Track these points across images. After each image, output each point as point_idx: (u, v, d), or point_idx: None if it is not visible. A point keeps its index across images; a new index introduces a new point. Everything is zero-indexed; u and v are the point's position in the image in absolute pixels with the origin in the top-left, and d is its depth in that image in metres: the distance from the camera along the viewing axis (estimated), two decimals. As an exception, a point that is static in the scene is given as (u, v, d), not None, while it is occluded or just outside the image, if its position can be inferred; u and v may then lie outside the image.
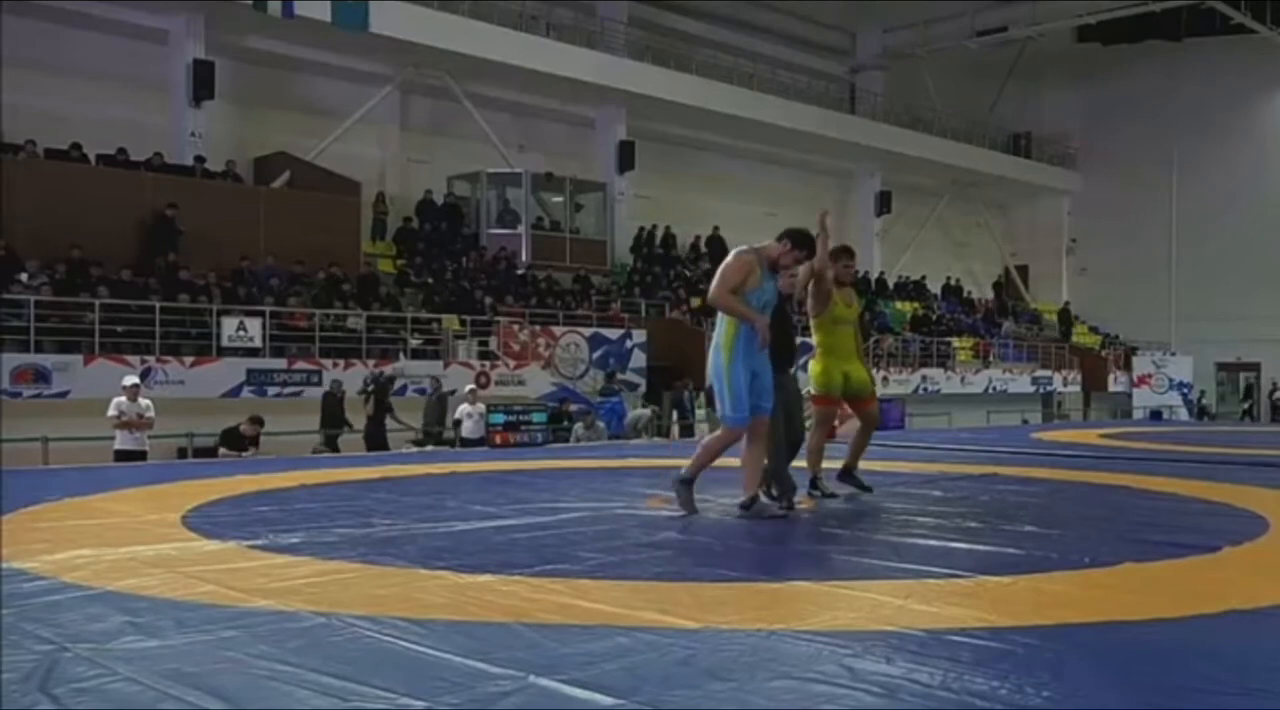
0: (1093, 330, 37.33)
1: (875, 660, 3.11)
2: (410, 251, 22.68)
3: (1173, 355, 34.32)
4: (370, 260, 21.34)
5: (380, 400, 15.86)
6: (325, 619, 3.61)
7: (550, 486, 7.88)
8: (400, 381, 17.32)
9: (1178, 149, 35.51)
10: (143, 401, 12.87)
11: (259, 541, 5.23)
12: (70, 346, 15.37)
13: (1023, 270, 39.85)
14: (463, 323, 19.81)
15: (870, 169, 33.87)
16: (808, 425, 7.27)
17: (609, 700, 2.75)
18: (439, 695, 2.78)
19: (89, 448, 12.84)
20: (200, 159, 19.68)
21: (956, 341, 30.65)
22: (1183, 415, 31.77)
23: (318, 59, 22.39)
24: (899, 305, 31.80)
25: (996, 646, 3.27)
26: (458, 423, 15.95)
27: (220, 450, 13.44)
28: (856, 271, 8.47)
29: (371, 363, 17.61)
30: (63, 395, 14.91)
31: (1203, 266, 34.81)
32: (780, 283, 6.30)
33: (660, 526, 5.75)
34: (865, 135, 31.87)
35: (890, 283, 33.20)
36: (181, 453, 14.31)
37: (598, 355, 21.19)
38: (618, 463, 10.38)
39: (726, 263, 6.13)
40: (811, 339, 7.23)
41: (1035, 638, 3.37)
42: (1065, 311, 36.52)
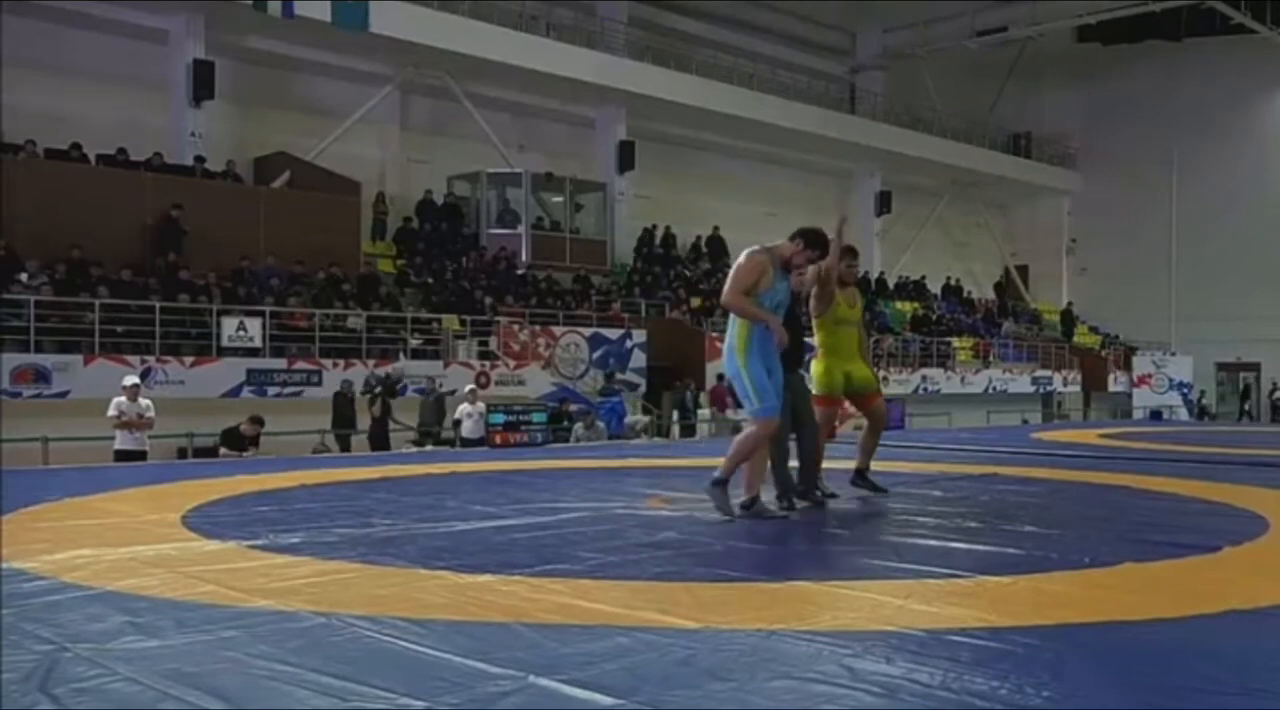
0: (1093, 330, 37.32)
1: (875, 660, 3.11)
2: (410, 251, 22.67)
3: (1173, 355, 34.31)
4: (370, 260, 21.33)
5: (386, 401, 15.92)
6: (325, 619, 3.61)
7: (550, 486, 7.88)
8: (403, 382, 17.34)
9: (1178, 149, 35.48)
10: (143, 401, 12.87)
11: (259, 541, 5.23)
12: (70, 346, 15.37)
13: (1023, 270, 39.83)
14: (463, 323, 19.80)
15: (870, 169, 33.84)
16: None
17: (609, 700, 2.75)
18: (439, 695, 2.78)
19: (89, 448, 12.83)
20: (200, 159, 19.67)
21: (956, 341, 30.65)
22: (1183, 415, 31.74)
23: (318, 59, 22.38)
24: (899, 305, 31.79)
25: (996, 646, 3.27)
26: (458, 423, 15.96)
27: (220, 450, 13.46)
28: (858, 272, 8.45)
29: (371, 363, 17.63)
30: (63, 395, 14.91)
31: (1203, 266, 34.79)
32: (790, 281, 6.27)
33: (660, 526, 5.74)
34: (865, 135, 31.85)
35: (890, 283, 33.19)
36: (181, 453, 14.32)
37: (598, 355, 21.18)
38: (618, 463, 10.37)
39: (739, 264, 6.01)
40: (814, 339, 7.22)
41: (1035, 638, 3.37)
42: (1068, 312, 36.51)
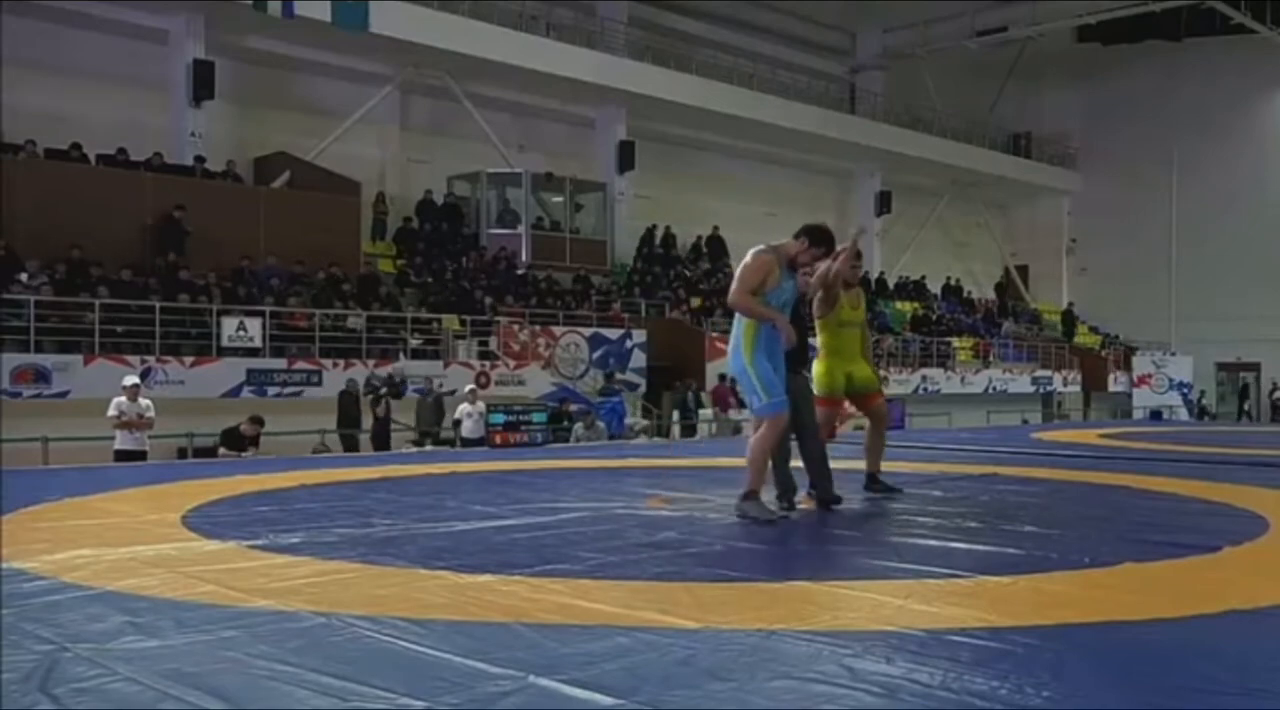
0: (1093, 330, 37.32)
1: (875, 660, 3.11)
2: (410, 251, 22.67)
3: (1173, 355, 34.31)
4: (370, 260, 21.33)
5: (389, 402, 15.95)
6: (325, 619, 3.61)
7: (550, 486, 7.87)
8: (406, 383, 17.35)
9: (1178, 149, 35.49)
10: (143, 401, 12.88)
11: (259, 541, 5.23)
12: (70, 346, 15.38)
13: (1023, 270, 39.83)
14: (463, 323, 19.80)
15: (870, 169, 33.83)
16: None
17: (609, 700, 2.75)
18: (439, 695, 2.78)
19: (89, 448, 12.83)
20: (200, 159, 19.67)
21: (956, 341, 30.65)
22: (1183, 415, 31.74)
23: (318, 59, 22.39)
24: (899, 305, 31.79)
25: (996, 646, 3.27)
26: (458, 423, 15.96)
27: (220, 450, 13.46)
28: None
29: (371, 363, 17.63)
30: (63, 395, 14.91)
31: (1203, 266, 34.79)
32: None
33: (660, 526, 5.74)
34: (865, 135, 31.85)
35: (890, 283, 33.19)
36: (181, 453, 14.31)
37: (598, 355, 21.18)
38: (618, 463, 10.36)
39: (745, 263, 5.97)
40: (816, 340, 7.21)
41: (1035, 638, 3.37)
42: (1069, 313, 36.52)
